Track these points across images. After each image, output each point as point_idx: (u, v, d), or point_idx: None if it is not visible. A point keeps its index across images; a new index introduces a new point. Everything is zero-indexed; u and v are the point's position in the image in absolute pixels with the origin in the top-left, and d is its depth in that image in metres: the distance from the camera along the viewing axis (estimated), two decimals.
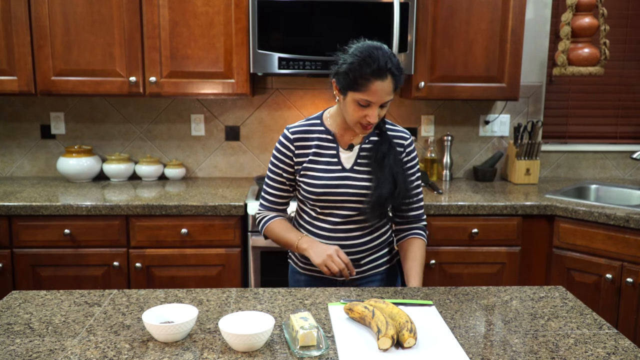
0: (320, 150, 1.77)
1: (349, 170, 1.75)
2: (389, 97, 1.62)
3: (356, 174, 1.74)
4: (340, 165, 1.75)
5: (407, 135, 1.83)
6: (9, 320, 1.43)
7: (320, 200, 1.76)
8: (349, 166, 1.75)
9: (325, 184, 1.74)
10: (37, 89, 2.81)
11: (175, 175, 3.18)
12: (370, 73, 1.58)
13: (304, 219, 1.86)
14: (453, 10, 2.85)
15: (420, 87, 2.89)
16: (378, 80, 1.58)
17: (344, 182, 1.74)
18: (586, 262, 2.62)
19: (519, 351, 1.29)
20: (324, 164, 1.76)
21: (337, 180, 1.74)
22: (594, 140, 3.43)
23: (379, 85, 1.59)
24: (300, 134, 1.79)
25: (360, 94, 1.61)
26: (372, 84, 1.59)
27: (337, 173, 1.75)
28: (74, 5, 2.75)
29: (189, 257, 2.64)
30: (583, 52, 2.96)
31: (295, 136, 1.79)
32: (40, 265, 2.62)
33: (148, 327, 1.31)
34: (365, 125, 1.66)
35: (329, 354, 1.27)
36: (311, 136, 1.79)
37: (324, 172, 1.75)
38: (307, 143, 1.78)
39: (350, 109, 1.66)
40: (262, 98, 3.24)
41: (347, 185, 1.73)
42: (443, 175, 3.29)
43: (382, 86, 1.59)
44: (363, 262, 1.83)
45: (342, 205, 1.75)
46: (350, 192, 1.73)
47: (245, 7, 2.76)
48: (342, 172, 1.75)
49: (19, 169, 3.26)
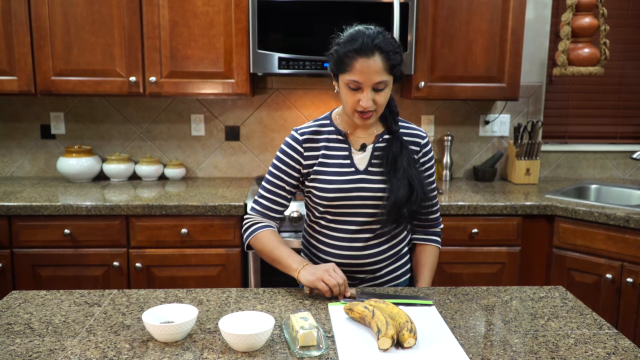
0: (331, 151, 1.66)
1: (363, 172, 1.63)
2: (378, 76, 1.50)
3: (371, 176, 1.63)
4: (354, 167, 1.63)
5: (423, 134, 1.71)
6: (9, 320, 1.43)
7: (334, 206, 1.64)
8: (362, 168, 1.64)
9: (339, 188, 1.62)
10: (37, 89, 2.81)
11: (175, 175, 3.18)
12: (354, 50, 1.49)
13: (314, 229, 1.74)
14: (453, 10, 2.85)
15: (420, 87, 2.89)
16: (363, 58, 1.48)
17: (358, 185, 1.62)
18: (586, 262, 2.62)
19: (519, 351, 1.29)
20: (336, 166, 1.64)
21: (351, 183, 1.62)
22: (594, 140, 3.43)
23: (364, 63, 1.48)
24: (310, 134, 1.67)
25: (347, 74, 1.51)
26: (356, 62, 1.49)
27: (351, 175, 1.63)
28: (74, 5, 2.75)
29: (189, 257, 2.64)
30: (583, 52, 2.97)
31: (304, 137, 1.67)
32: (40, 265, 2.62)
33: (148, 327, 1.31)
34: (363, 113, 1.54)
35: (329, 354, 1.27)
36: (320, 137, 1.68)
37: (337, 175, 1.63)
38: (316, 145, 1.67)
39: (343, 95, 1.56)
40: (262, 98, 3.24)
41: (362, 188, 1.62)
42: (443, 175, 3.29)
43: (367, 64, 1.48)
44: (383, 272, 1.74)
45: (357, 210, 1.64)
46: (365, 195, 1.62)
47: (245, 7, 2.76)
48: (356, 175, 1.63)
49: (19, 169, 3.26)
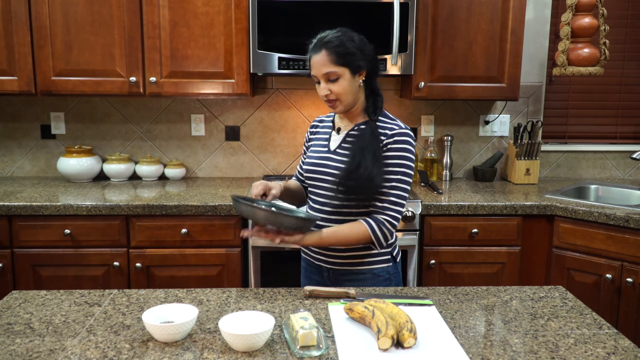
0: (321, 135, 1.94)
1: (331, 152, 1.84)
2: (325, 68, 1.73)
3: (337, 156, 1.82)
4: (327, 148, 1.87)
5: (397, 127, 1.77)
6: (9, 320, 1.43)
7: (308, 179, 1.89)
8: (333, 148, 1.85)
9: (311, 162, 1.88)
10: (37, 89, 2.81)
11: (175, 175, 3.18)
12: (310, 50, 1.78)
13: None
14: (453, 10, 2.85)
15: (420, 87, 2.89)
16: (313, 55, 1.76)
17: (325, 162, 1.84)
18: (586, 262, 2.62)
19: (519, 351, 1.29)
20: (318, 146, 1.91)
21: (320, 159, 1.86)
22: (594, 140, 3.43)
23: (314, 59, 1.75)
24: (317, 122, 2.01)
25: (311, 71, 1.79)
26: (311, 59, 1.77)
27: (323, 154, 1.86)
28: (74, 5, 2.75)
29: (189, 257, 2.64)
30: (583, 52, 2.97)
31: (313, 124, 2.03)
32: (41, 265, 2.62)
33: (148, 327, 1.31)
34: (329, 102, 1.78)
35: (329, 354, 1.27)
36: (322, 125, 1.98)
37: (315, 153, 1.90)
38: (318, 130, 1.98)
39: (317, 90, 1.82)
40: (262, 98, 3.24)
41: (327, 165, 1.82)
42: (443, 175, 3.29)
43: (315, 59, 1.75)
44: (343, 253, 1.82)
45: (322, 184, 1.83)
46: (327, 171, 1.81)
47: (245, 7, 2.76)
48: (327, 154, 1.85)
49: (19, 169, 3.26)
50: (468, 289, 1.67)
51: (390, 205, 1.74)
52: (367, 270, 1.84)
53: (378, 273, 1.85)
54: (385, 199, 1.74)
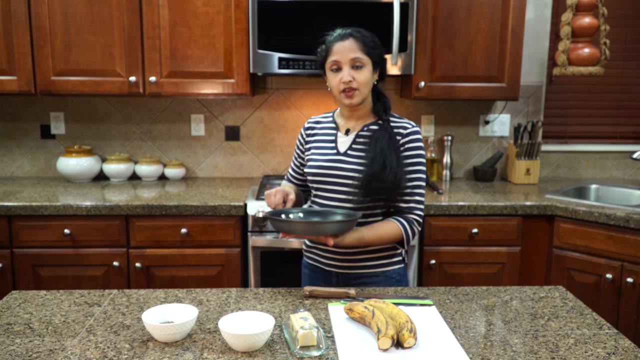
0: (323, 137, 1.90)
1: (342, 154, 1.82)
2: (353, 53, 1.72)
3: (349, 158, 1.80)
4: (336, 150, 1.84)
5: (409, 126, 1.81)
6: (9, 320, 1.43)
7: (316, 182, 1.85)
8: (343, 150, 1.83)
9: (319, 165, 1.84)
10: (37, 89, 2.81)
11: (175, 175, 3.18)
12: (332, 39, 1.77)
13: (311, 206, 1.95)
14: (453, 10, 2.85)
15: (420, 87, 2.89)
16: (339, 42, 1.74)
17: (336, 165, 1.81)
18: (586, 262, 2.62)
19: (519, 351, 1.29)
20: (322, 149, 1.88)
21: (330, 162, 1.82)
22: (594, 140, 3.43)
23: (340, 45, 1.74)
24: (313, 124, 1.96)
25: (329, 58, 1.76)
26: (334, 45, 1.75)
27: (331, 156, 1.83)
28: (74, 5, 2.75)
29: (188, 257, 2.64)
30: (583, 52, 2.96)
31: (308, 125, 1.97)
32: (40, 265, 2.62)
33: (148, 327, 1.31)
34: (347, 92, 1.74)
35: (329, 354, 1.27)
36: (320, 126, 1.94)
37: (320, 156, 1.86)
38: (315, 132, 1.93)
39: (330, 81, 1.79)
40: (262, 98, 3.24)
41: (340, 167, 1.80)
42: (443, 175, 3.29)
43: (343, 45, 1.73)
44: (358, 257, 1.81)
45: (334, 188, 1.81)
46: (342, 174, 1.79)
47: (245, 7, 2.76)
48: (336, 156, 1.83)
49: (19, 169, 3.26)
50: (468, 289, 1.67)
51: (416, 204, 1.80)
52: (380, 273, 1.83)
53: (390, 275, 1.84)
54: (411, 199, 1.79)
